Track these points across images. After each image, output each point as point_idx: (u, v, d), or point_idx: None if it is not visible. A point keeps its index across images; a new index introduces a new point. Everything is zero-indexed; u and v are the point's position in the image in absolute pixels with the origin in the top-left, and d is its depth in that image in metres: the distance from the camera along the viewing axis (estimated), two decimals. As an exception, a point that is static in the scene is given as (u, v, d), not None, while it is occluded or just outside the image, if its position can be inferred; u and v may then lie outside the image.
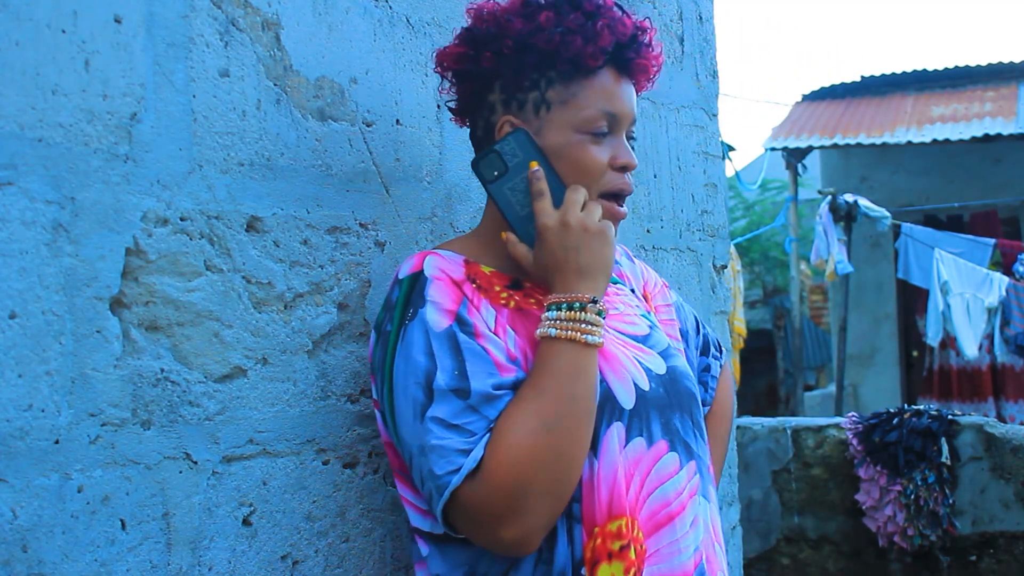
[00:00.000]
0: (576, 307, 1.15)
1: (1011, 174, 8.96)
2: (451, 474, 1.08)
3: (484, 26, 1.25)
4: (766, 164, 9.50)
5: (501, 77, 1.24)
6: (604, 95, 1.23)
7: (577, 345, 1.14)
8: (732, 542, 2.47)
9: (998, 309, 6.83)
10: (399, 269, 1.23)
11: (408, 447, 1.13)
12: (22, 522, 0.97)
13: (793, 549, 4.64)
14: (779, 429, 4.70)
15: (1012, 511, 4.13)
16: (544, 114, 1.23)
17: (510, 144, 1.22)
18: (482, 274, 1.24)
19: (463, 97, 1.31)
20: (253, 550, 1.21)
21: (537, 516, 1.09)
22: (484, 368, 1.13)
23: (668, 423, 1.25)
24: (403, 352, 1.15)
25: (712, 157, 2.42)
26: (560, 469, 1.10)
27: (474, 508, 1.09)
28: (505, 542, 1.10)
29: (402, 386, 1.14)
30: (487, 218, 1.32)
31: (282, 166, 1.27)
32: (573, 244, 1.18)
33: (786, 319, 10.86)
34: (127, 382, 1.08)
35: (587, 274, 1.18)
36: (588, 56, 1.21)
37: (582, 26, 1.21)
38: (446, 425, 1.10)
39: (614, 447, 1.18)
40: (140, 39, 1.11)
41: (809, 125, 9.22)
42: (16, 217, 0.98)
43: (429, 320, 1.15)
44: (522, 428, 1.09)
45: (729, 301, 2.59)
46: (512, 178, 1.22)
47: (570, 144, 1.23)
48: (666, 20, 2.22)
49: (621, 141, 1.26)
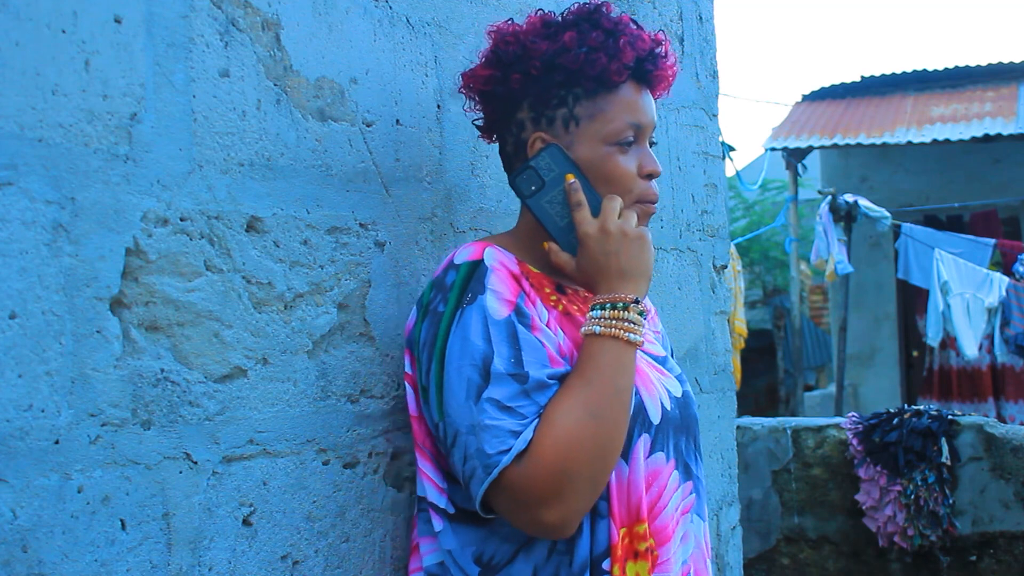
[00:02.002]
0: (619, 307, 1.23)
1: (1011, 174, 8.96)
2: (502, 454, 1.14)
3: (509, 48, 1.31)
4: (766, 164, 9.49)
5: (529, 96, 1.31)
6: (628, 107, 1.31)
7: (620, 342, 1.21)
8: (732, 542, 2.47)
9: (998, 309, 6.83)
10: (454, 254, 1.29)
11: (455, 424, 1.17)
12: (22, 522, 0.97)
13: (793, 549, 4.64)
14: (779, 429, 4.70)
15: (1012, 511, 4.13)
16: (573, 129, 1.30)
17: (544, 159, 1.28)
18: (533, 273, 1.31)
19: (491, 116, 1.38)
20: (253, 550, 1.21)
21: (578, 500, 1.15)
22: (538, 358, 1.20)
23: (677, 444, 1.34)
24: (459, 334, 1.20)
25: (712, 157, 2.42)
26: (602, 456, 1.17)
27: (520, 489, 1.13)
28: (546, 524, 1.15)
29: (456, 366, 1.18)
30: (523, 225, 1.39)
31: (282, 166, 1.27)
32: (614, 249, 1.25)
33: (786, 319, 10.86)
34: (127, 382, 1.08)
35: (628, 276, 1.25)
36: (613, 72, 1.28)
37: (604, 44, 1.28)
38: (501, 407, 1.15)
39: (640, 456, 1.26)
40: (140, 39, 1.11)
41: (809, 125, 9.22)
42: (16, 217, 0.98)
43: (489, 307, 1.21)
44: (571, 415, 1.15)
45: (729, 301, 2.59)
46: (549, 191, 1.29)
47: (600, 156, 1.30)
48: (666, 20, 2.22)
49: (646, 150, 1.34)
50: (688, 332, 2.26)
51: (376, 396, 1.39)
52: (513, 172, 1.33)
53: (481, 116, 1.40)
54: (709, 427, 2.33)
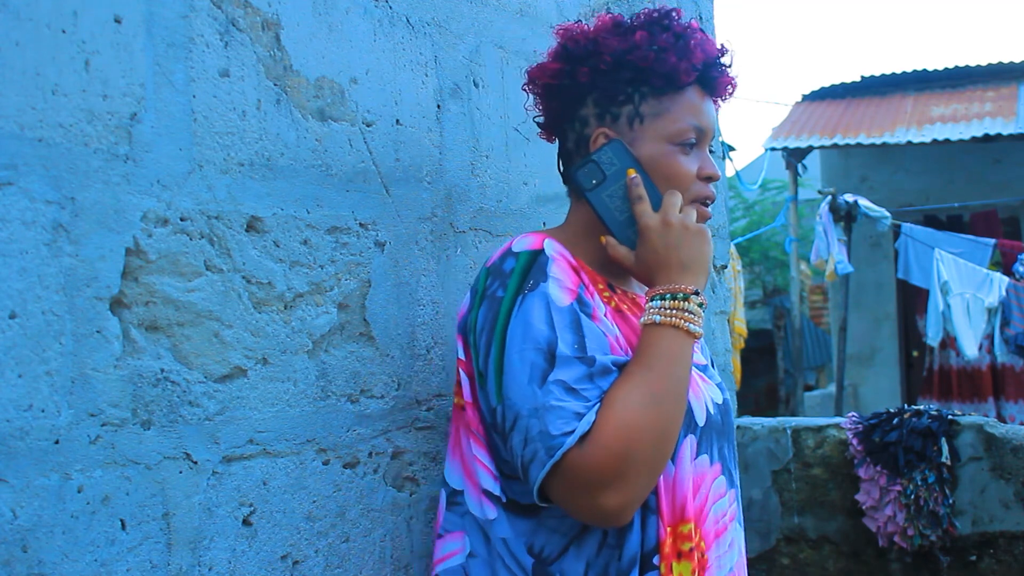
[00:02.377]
0: (680, 297, 1.24)
1: (1011, 174, 8.96)
2: (565, 435, 1.13)
3: (580, 44, 1.33)
4: (766, 164, 9.50)
5: (596, 91, 1.33)
6: (692, 110, 1.33)
7: (680, 332, 1.22)
8: (732, 542, 2.47)
9: (998, 309, 6.82)
10: (512, 243, 1.30)
11: (515, 407, 1.17)
12: (22, 522, 0.97)
13: (793, 549, 4.64)
14: (779, 429, 4.70)
15: (1012, 511, 4.13)
16: (637, 126, 1.32)
17: (607, 154, 1.30)
18: (587, 269, 1.33)
19: (553, 112, 1.39)
20: (253, 550, 1.21)
21: (638, 486, 1.15)
22: (601, 345, 1.21)
23: (721, 449, 1.35)
24: (520, 319, 1.20)
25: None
26: (661, 443, 1.17)
27: (582, 471, 1.13)
28: (605, 509, 1.14)
29: (518, 349, 1.18)
30: (573, 222, 1.39)
31: (282, 166, 1.27)
32: (675, 242, 1.26)
33: (786, 319, 10.86)
34: (127, 382, 1.08)
35: (689, 269, 1.26)
36: (682, 72, 1.30)
37: (674, 44, 1.30)
38: (567, 388, 1.16)
39: (687, 456, 1.27)
40: (140, 39, 1.11)
41: (809, 125, 9.21)
42: (16, 217, 0.98)
43: (552, 294, 1.21)
44: (634, 400, 1.16)
45: (729, 301, 2.59)
46: (610, 185, 1.30)
47: (662, 154, 1.31)
48: (666, 20, 2.22)
49: (706, 154, 1.36)
50: (688, 332, 2.25)
51: (376, 396, 1.39)
52: (573, 165, 1.34)
53: (542, 114, 1.42)
54: (709, 427, 2.33)
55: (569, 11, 1.88)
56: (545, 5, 1.81)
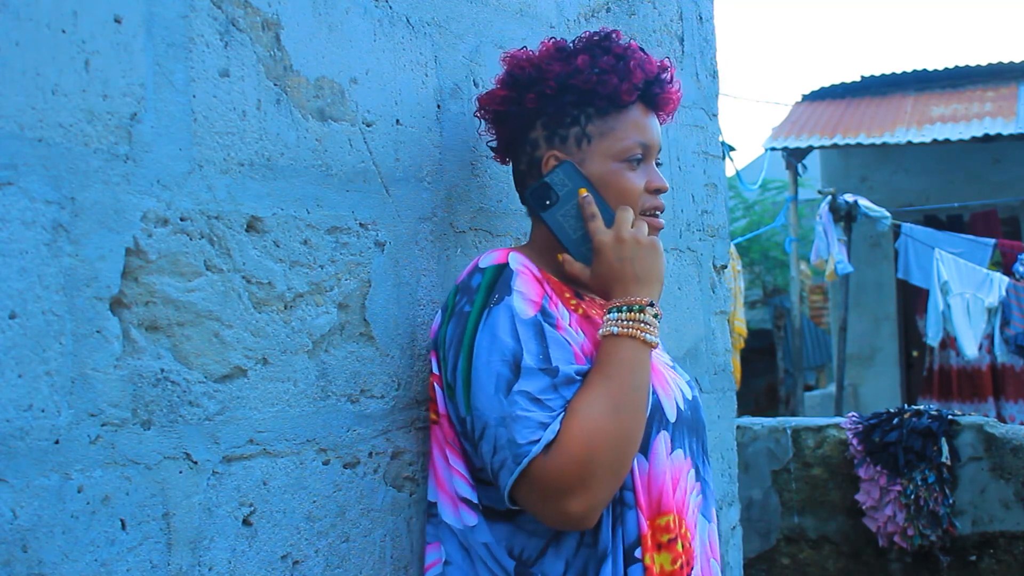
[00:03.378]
0: (636, 309, 1.29)
1: (1011, 174, 8.96)
2: (531, 444, 1.19)
3: (525, 71, 1.39)
4: (766, 164, 9.49)
5: (543, 115, 1.39)
6: (636, 127, 1.38)
7: (637, 342, 1.27)
8: (732, 542, 2.47)
9: (998, 309, 6.82)
10: (479, 259, 1.35)
11: (483, 417, 1.22)
12: (22, 522, 0.97)
13: (793, 549, 4.64)
14: (779, 429, 4.70)
15: (1012, 511, 4.13)
16: (585, 147, 1.38)
17: (559, 175, 1.35)
18: (552, 280, 1.37)
19: (505, 137, 1.46)
20: (253, 550, 1.21)
21: (601, 491, 1.20)
22: (565, 355, 1.25)
23: (690, 444, 1.40)
24: (487, 332, 1.25)
25: (712, 157, 2.42)
26: (623, 448, 1.22)
27: (548, 478, 1.18)
28: (570, 515, 1.19)
29: (485, 361, 1.23)
30: (536, 239, 1.45)
31: (282, 166, 1.27)
32: (628, 255, 1.32)
33: (786, 319, 10.86)
34: (127, 382, 1.08)
35: (643, 281, 1.31)
36: (623, 92, 1.36)
37: (615, 67, 1.36)
38: (532, 399, 1.21)
39: (662, 452, 1.32)
40: (140, 39, 1.11)
41: (809, 125, 9.21)
42: (16, 217, 0.98)
43: (516, 307, 1.26)
44: (596, 409, 1.21)
45: (729, 301, 2.59)
46: (563, 205, 1.36)
47: (610, 172, 1.37)
48: (666, 20, 2.22)
49: (652, 167, 1.42)
50: (688, 332, 2.26)
51: (376, 396, 1.39)
52: (528, 188, 1.39)
53: (495, 139, 1.48)
54: (709, 427, 2.32)
55: (569, 11, 1.88)
56: (545, 5, 1.81)
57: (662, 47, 2.18)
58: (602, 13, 1.98)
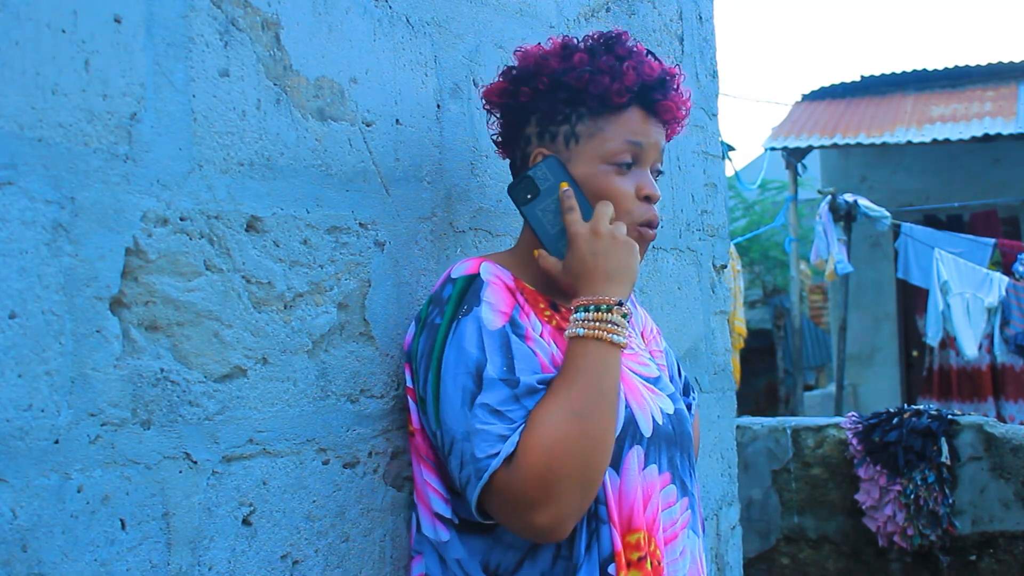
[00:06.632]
0: (603, 308, 1.24)
1: (1011, 174, 8.96)
2: (490, 458, 1.16)
3: (525, 65, 1.37)
4: (766, 164, 9.50)
5: (537, 111, 1.36)
6: (629, 131, 1.33)
7: (603, 343, 1.22)
8: (732, 542, 2.47)
9: (998, 309, 6.83)
10: (451, 269, 1.32)
11: (451, 432, 1.20)
12: (22, 522, 0.97)
13: (793, 549, 4.64)
14: (779, 429, 4.70)
15: (1012, 511, 4.13)
16: (573, 146, 1.34)
17: (542, 169, 1.33)
18: (528, 290, 1.34)
19: (504, 130, 1.43)
20: (253, 550, 1.21)
21: (568, 502, 1.16)
22: (530, 366, 1.22)
23: (672, 459, 1.36)
24: (455, 344, 1.22)
25: (712, 157, 2.42)
26: (590, 456, 1.17)
27: (509, 493, 1.15)
28: (537, 527, 1.16)
29: (452, 374, 1.21)
30: (522, 242, 1.42)
31: (282, 166, 1.27)
32: (602, 250, 1.27)
33: (786, 319, 10.85)
34: (127, 382, 1.08)
35: (613, 279, 1.26)
36: (614, 93, 1.31)
37: (611, 67, 1.32)
38: (491, 411, 1.17)
39: (634, 467, 1.28)
40: (140, 39, 1.11)
41: (809, 125, 9.22)
42: (16, 217, 0.98)
43: (484, 318, 1.23)
44: (554, 417, 1.17)
45: (729, 301, 2.59)
46: (544, 200, 1.33)
47: (596, 174, 1.33)
48: (666, 20, 2.22)
49: (646, 173, 1.36)
50: (688, 332, 2.26)
51: (376, 396, 1.39)
52: (512, 181, 1.37)
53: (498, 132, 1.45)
54: (709, 427, 2.33)
55: (569, 11, 1.88)
56: (545, 5, 1.81)
57: (662, 47, 2.18)
58: (602, 13, 1.98)
